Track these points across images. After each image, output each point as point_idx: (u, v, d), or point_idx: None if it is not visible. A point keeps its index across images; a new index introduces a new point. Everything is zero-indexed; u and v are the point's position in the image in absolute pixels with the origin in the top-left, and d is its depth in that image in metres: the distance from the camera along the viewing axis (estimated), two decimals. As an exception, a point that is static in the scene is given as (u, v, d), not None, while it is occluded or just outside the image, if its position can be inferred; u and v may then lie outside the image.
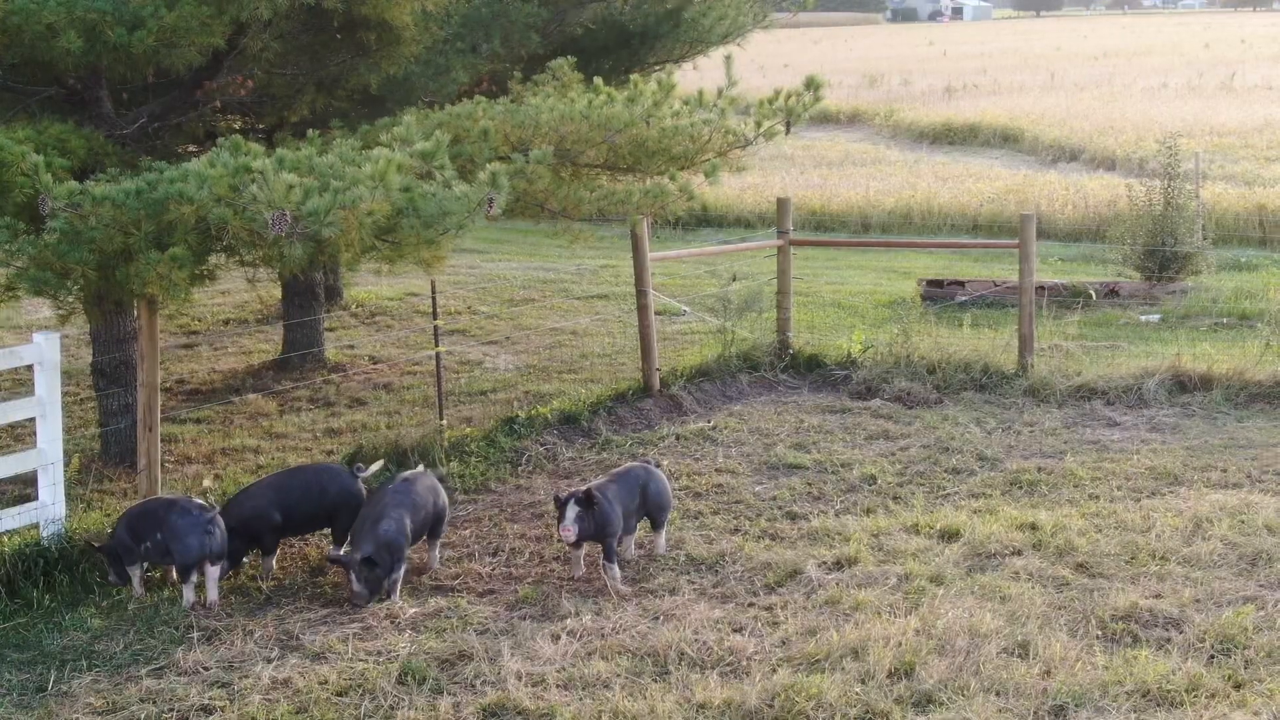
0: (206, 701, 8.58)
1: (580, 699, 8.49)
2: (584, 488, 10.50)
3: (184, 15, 10.49)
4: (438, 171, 9.22)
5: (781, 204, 17.07)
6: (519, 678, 8.78)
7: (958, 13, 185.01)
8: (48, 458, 10.90)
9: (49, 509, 10.85)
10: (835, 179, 34.40)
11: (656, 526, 11.09)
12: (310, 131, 12.07)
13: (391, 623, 9.81)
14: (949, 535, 11.09)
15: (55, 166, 10.06)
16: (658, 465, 11.44)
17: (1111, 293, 20.76)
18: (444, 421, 13.64)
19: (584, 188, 11.14)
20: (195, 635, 9.64)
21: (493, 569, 10.89)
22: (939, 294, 20.90)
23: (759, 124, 11.46)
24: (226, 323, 20.79)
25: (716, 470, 13.09)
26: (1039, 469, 12.81)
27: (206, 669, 9.08)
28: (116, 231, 9.11)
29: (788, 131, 11.50)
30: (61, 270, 9.28)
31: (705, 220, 30.53)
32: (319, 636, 9.52)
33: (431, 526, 10.79)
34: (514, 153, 10.60)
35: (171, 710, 8.50)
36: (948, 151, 41.95)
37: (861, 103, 53.22)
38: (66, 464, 11.30)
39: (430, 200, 9.11)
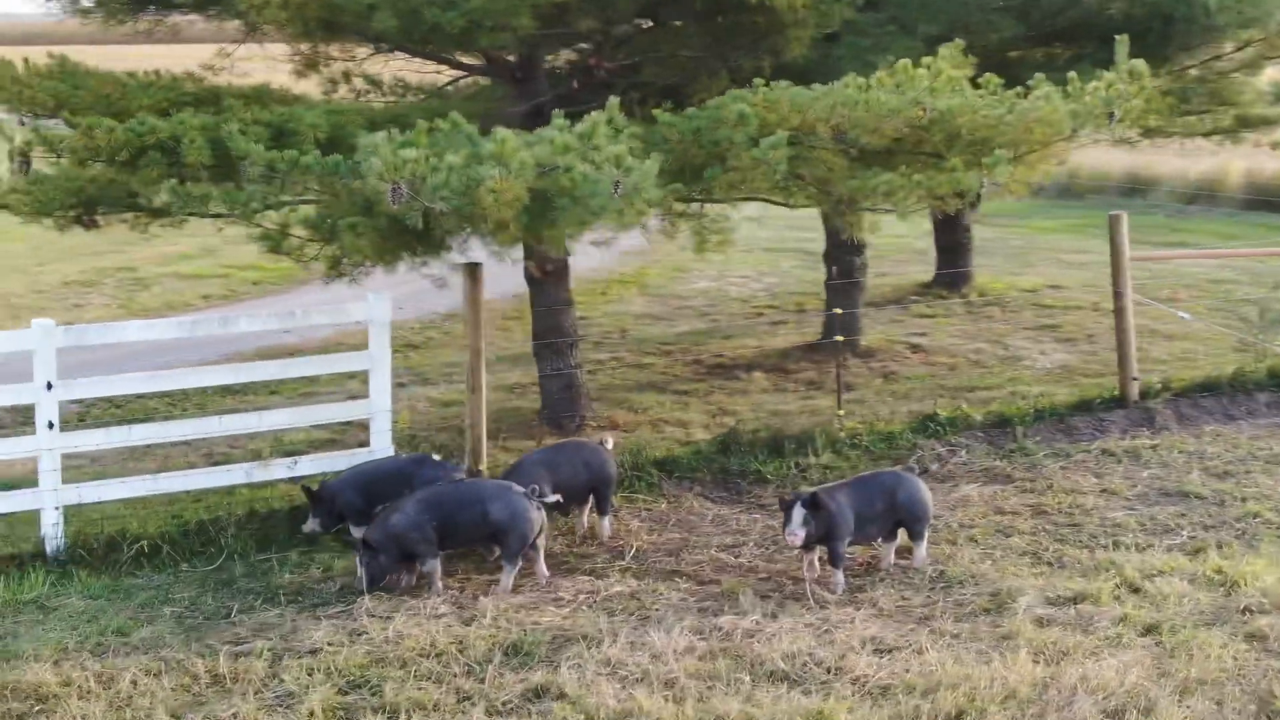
0: (324, 645, 9.08)
1: (618, 692, 8.30)
2: (810, 490, 10.14)
3: (491, -1, 11.03)
4: (593, 153, 9.22)
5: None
6: (605, 664, 8.70)
7: None
8: (378, 407, 11.83)
9: (376, 455, 11.77)
10: None
11: (913, 537, 10.43)
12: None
13: (585, 598, 9.94)
14: (1227, 585, 9.68)
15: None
16: (924, 472, 10.75)
17: None
18: (841, 412, 13.32)
19: (873, 175, 10.65)
20: (401, 584, 10.19)
21: (738, 559, 10.71)
22: None
23: (1074, 115, 10.42)
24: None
25: (1100, 491, 11.99)
26: None
27: (372, 616, 9.57)
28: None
29: (1111, 122, 10.42)
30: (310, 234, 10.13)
31: None
32: (491, 601, 9.79)
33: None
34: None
35: (286, 647, 9.08)
36: None
37: None
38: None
39: (586, 182, 9.16)
